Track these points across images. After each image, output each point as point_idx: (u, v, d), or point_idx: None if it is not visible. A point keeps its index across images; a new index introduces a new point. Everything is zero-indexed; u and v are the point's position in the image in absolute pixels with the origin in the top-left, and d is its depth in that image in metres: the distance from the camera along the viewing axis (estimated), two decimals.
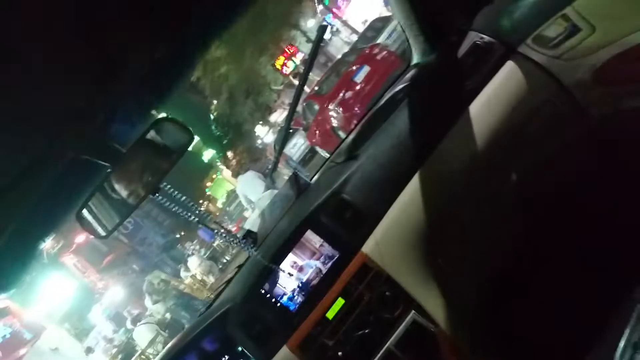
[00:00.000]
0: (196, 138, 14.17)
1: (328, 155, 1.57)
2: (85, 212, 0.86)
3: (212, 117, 14.73)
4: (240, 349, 1.32)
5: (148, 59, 0.70)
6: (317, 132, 7.28)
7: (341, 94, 6.34)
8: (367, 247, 1.25)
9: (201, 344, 1.34)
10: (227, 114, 13.99)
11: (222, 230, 1.29)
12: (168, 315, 8.18)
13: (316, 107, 7.09)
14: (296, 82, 13.44)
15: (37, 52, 0.55)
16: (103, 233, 0.87)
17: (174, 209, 0.93)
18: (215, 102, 14.33)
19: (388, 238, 1.25)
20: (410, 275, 1.24)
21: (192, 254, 12.41)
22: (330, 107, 6.45)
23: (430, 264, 1.24)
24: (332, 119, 6.50)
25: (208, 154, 14.57)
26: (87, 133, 0.71)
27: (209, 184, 14.83)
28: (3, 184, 0.59)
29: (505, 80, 1.21)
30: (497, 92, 1.22)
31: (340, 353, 1.24)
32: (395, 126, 1.31)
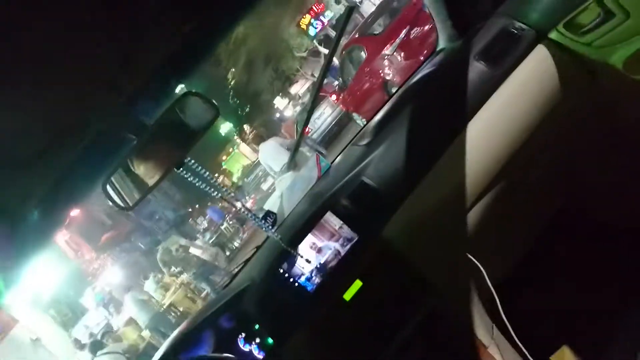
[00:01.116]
0: None
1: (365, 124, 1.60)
2: (110, 183, 0.91)
3: (229, 87, 14.70)
4: (257, 327, 1.41)
5: (177, 32, 0.74)
6: (359, 91, 6.11)
7: (402, 34, 4.82)
8: (387, 231, 1.30)
9: (218, 321, 1.43)
10: (244, 83, 13.86)
11: (243, 208, 1.35)
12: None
13: (363, 54, 5.78)
14: (322, 49, 13.06)
15: (68, 21, 0.58)
16: (128, 205, 0.94)
17: (197, 184, 0.99)
18: (232, 70, 14.27)
19: (409, 222, 1.30)
20: (430, 260, 1.29)
21: (197, 237, 11.97)
22: (387, 51, 5.04)
23: (451, 250, 1.29)
24: (385, 68, 5.18)
25: (225, 128, 14.64)
26: (114, 105, 0.76)
27: (225, 158, 15.00)
28: (32, 152, 0.64)
29: (535, 66, 1.24)
30: (525, 78, 1.24)
31: (356, 336, 1.30)
32: (420, 111, 1.34)
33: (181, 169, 0.91)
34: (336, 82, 7.60)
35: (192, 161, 0.92)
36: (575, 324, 1.32)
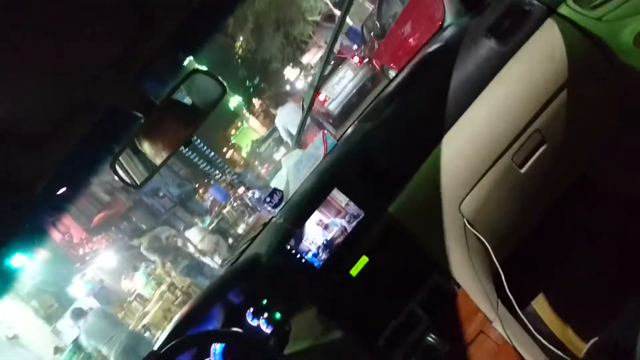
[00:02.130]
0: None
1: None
2: (118, 161, 0.98)
3: (236, 57, 14.57)
4: (264, 302, 1.52)
5: (185, 7, 0.80)
6: (404, 36, 5.28)
7: None
8: (394, 207, 1.38)
9: (226, 297, 1.54)
10: (252, 51, 13.67)
11: (247, 189, 1.43)
12: None
13: None
14: (337, 12, 12.56)
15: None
16: (136, 183, 1.02)
17: (201, 165, 1.07)
18: (240, 38, 14.10)
19: (415, 199, 1.37)
20: (435, 236, 1.37)
21: (195, 222, 11.24)
22: None
23: (456, 226, 1.36)
24: None
25: (234, 102, 14.57)
26: (123, 83, 0.82)
27: (234, 132, 15.05)
28: (44, 129, 0.68)
29: (544, 41, 1.27)
30: (534, 54, 1.28)
31: (362, 311, 1.40)
32: (427, 87, 1.39)
33: (187, 148, 0.99)
34: (355, 46, 7.20)
35: (198, 140, 0.99)
36: (580, 299, 1.39)
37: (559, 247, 1.47)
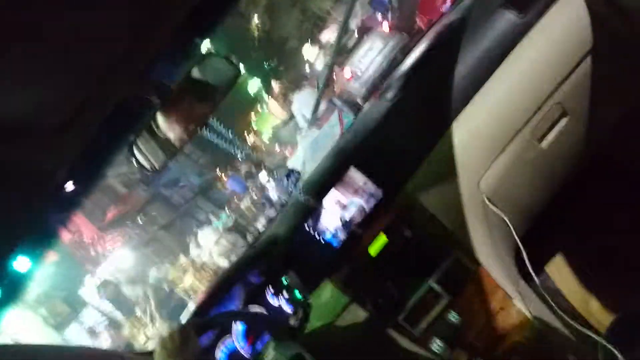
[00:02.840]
0: (241, 66, 14.11)
1: None
2: (136, 146, 1.02)
3: (252, 38, 14.51)
4: (285, 282, 1.59)
5: None
6: None
7: None
8: (411, 186, 1.42)
9: (247, 277, 1.61)
10: (268, 30, 13.55)
11: (266, 169, 1.47)
12: None
13: None
14: None
15: None
16: (156, 167, 1.08)
17: (220, 146, 1.12)
18: (255, 17, 14.02)
19: (433, 177, 1.40)
20: (454, 214, 1.40)
21: (210, 219, 10.16)
22: None
23: (475, 203, 1.38)
24: None
25: (253, 86, 14.57)
26: (136, 70, 0.87)
27: (254, 117, 15.15)
28: (59, 123, 0.71)
29: (567, 8, 1.26)
30: (556, 22, 1.27)
31: (382, 289, 1.46)
32: (445, 62, 1.40)
33: (206, 129, 1.04)
34: (380, 15, 6.64)
35: (217, 121, 1.04)
36: (602, 273, 1.40)
37: (579, 221, 1.47)
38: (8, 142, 0.65)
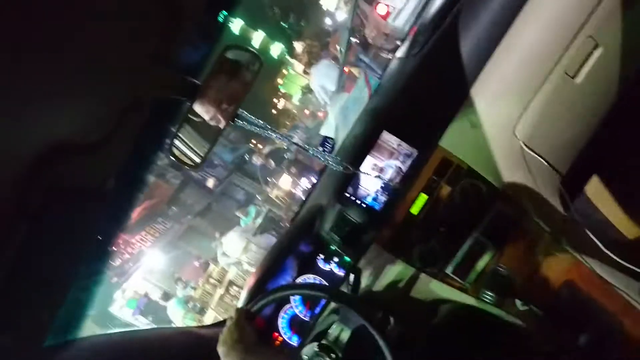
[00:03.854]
0: (261, 34, 13.87)
1: None
2: (175, 147, 1.05)
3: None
4: (333, 248, 1.65)
5: None
6: None
7: None
8: (446, 141, 1.41)
9: (296, 248, 1.68)
10: None
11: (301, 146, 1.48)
12: None
13: None
14: None
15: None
16: (196, 162, 1.12)
17: (253, 132, 1.15)
18: None
19: (467, 130, 1.38)
20: (492, 164, 1.39)
21: (238, 220, 8.52)
22: None
23: (513, 150, 1.36)
24: None
25: (276, 50, 14.31)
26: (163, 73, 0.90)
27: (281, 81, 15.01)
28: (100, 138, 0.73)
29: None
30: None
31: (427, 246, 1.49)
32: (467, 13, 1.34)
33: (236, 120, 1.07)
34: None
35: (245, 113, 1.07)
36: None
37: (619, 157, 1.42)
38: (59, 162, 0.68)
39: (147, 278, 9.75)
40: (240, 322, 1.21)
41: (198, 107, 1.02)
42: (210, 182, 13.17)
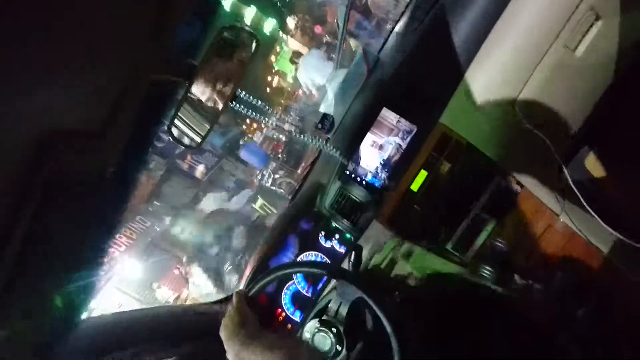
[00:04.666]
0: (253, 9, 13.57)
1: None
2: (175, 127, 1.04)
3: None
4: (334, 225, 1.66)
5: None
6: None
7: None
8: (445, 118, 1.40)
9: (297, 226, 1.69)
10: None
11: (296, 132, 1.47)
12: None
13: None
14: None
15: None
16: (197, 142, 1.11)
17: (251, 115, 1.14)
18: None
19: (466, 105, 1.37)
20: (492, 140, 1.38)
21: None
22: None
23: (513, 126, 1.35)
24: None
25: (269, 26, 14.03)
26: (160, 54, 0.88)
27: (274, 58, 14.77)
28: (99, 122, 0.71)
29: None
30: None
31: (428, 222, 1.49)
32: None
33: (234, 102, 1.06)
34: None
35: (243, 93, 1.05)
36: None
37: (620, 132, 1.41)
38: (60, 149, 0.66)
39: (121, 288, 8.38)
40: (240, 307, 1.21)
41: (195, 88, 1.01)
42: (199, 170, 11.63)
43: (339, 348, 1.29)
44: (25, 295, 0.76)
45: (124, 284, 8.36)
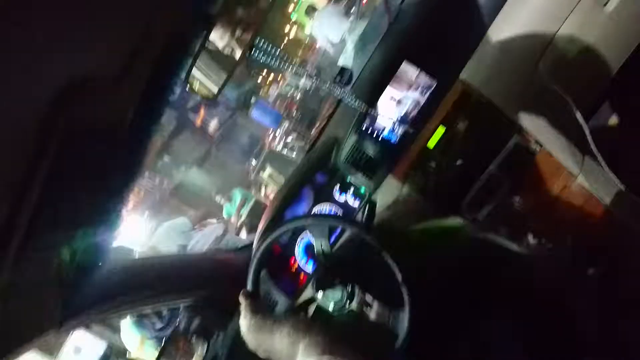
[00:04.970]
0: None
1: None
2: (192, 77, 1.03)
3: None
4: (349, 179, 1.67)
5: None
6: None
7: None
8: (466, 74, 1.36)
9: (312, 179, 1.70)
10: None
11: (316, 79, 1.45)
12: None
13: None
14: None
15: None
16: (214, 92, 1.11)
17: (271, 64, 1.12)
18: None
19: (487, 63, 1.32)
20: (513, 97, 1.35)
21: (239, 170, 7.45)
22: None
23: (535, 84, 1.31)
24: None
25: None
26: (177, 7, 0.86)
27: (292, 8, 14.26)
28: (116, 73, 0.72)
29: None
30: None
31: (443, 179, 1.49)
32: None
33: (254, 52, 1.04)
34: None
35: (262, 41, 1.03)
36: None
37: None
38: (80, 97, 0.68)
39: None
40: (249, 306, 1.16)
41: (214, 35, 1.01)
42: (212, 125, 10.85)
43: (348, 289, 1.29)
44: (48, 232, 0.80)
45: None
